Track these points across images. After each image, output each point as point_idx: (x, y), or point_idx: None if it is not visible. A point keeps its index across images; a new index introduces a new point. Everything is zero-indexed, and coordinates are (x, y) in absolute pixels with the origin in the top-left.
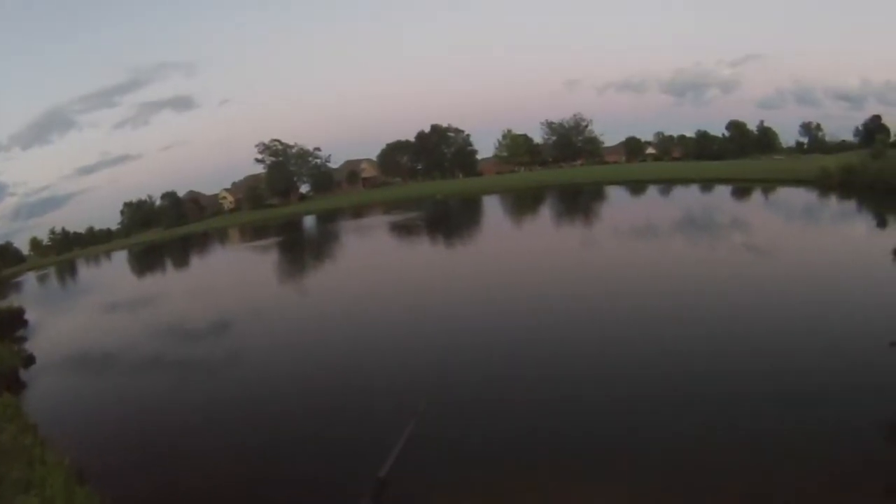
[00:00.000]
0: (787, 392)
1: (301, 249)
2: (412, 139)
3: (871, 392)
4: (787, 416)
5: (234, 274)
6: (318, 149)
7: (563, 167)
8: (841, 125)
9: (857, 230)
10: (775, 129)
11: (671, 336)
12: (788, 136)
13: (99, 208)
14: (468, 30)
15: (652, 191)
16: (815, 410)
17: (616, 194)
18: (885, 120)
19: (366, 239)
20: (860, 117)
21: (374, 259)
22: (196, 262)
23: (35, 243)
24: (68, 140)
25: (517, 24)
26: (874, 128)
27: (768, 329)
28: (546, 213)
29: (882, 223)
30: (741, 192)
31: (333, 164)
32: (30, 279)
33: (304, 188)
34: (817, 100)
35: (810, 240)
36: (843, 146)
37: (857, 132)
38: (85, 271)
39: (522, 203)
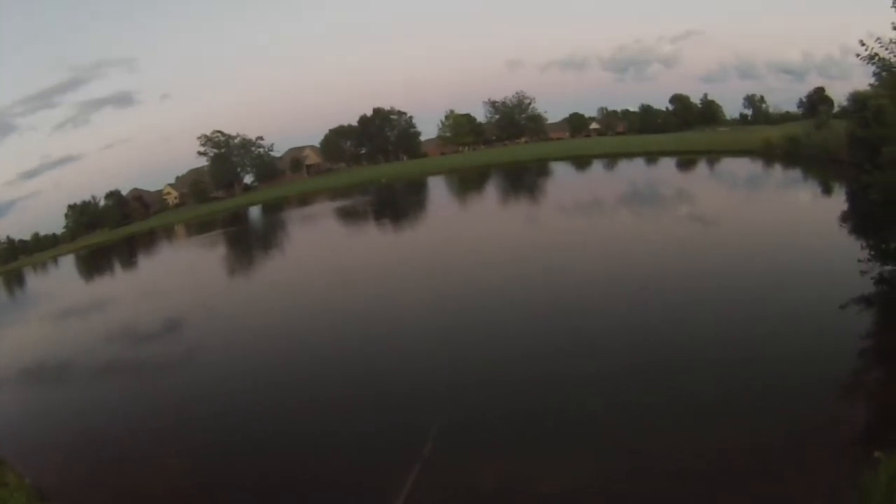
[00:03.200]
0: (743, 357)
1: (247, 242)
2: (355, 124)
3: (825, 354)
4: (743, 379)
5: (179, 273)
6: (260, 138)
7: (508, 145)
8: (784, 97)
9: (804, 197)
10: (719, 102)
11: (621, 310)
12: (732, 108)
13: (44, 213)
14: (409, 11)
15: (597, 165)
16: (773, 372)
17: (561, 170)
18: (829, 92)
19: (311, 227)
20: (802, 90)
21: (319, 247)
22: (143, 262)
23: None
24: (8, 145)
25: (459, 5)
26: (817, 99)
27: (723, 298)
28: (491, 192)
29: (827, 190)
30: (686, 163)
31: (277, 153)
32: None
33: (248, 179)
34: (760, 73)
35: (759, 208)
36: (786, 117)
37: (800, 104)
38: (32, 280)
39: (467, 183)
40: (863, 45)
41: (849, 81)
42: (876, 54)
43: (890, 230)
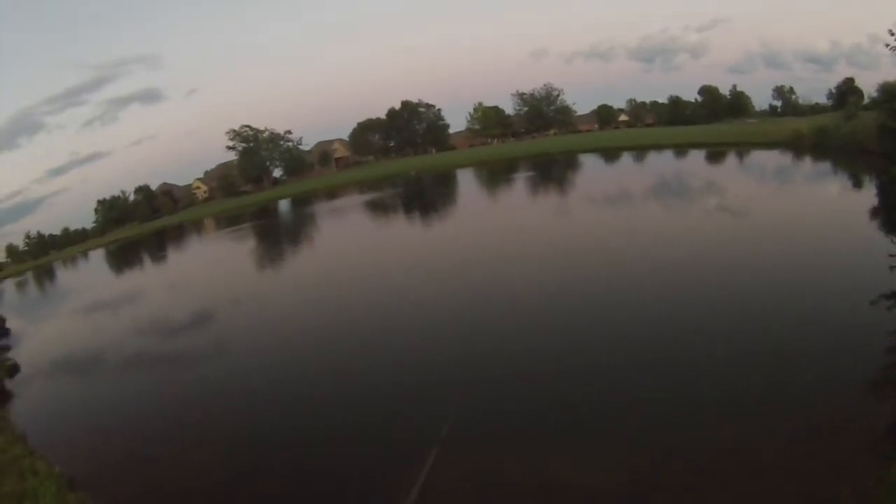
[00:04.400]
0: (773, 350)
1: (275, 235)
2: (383, 117)
3: (853, 349)
4: (772, 373)
5: (208, 266)
6: (289, 132)
7: (536, 138)
8: (813, 87)
9: (833, 190)
10: (748, 93)
11: (653, 301)
12: (762, 99)
13: (73, 209)
14: (435, 4)
15: (626, 158)
16: (802, 367)
17: (590, 162)
18: (859, 82)
19: (338, 221)
20: (831, 80)
21: (348, 241)
22: (172, 255)
23: (10, 250)
24: (37, 143)
25: None
26: (847, 90)
27: (753, 292)
28: (520, 185)
29: (857, 183)
30: (716, 156)
31: (305, 147)
32: (8, 287)
33: (276, 173)
34: (787, 63)
35: (788, 201)
36: (816, 109)
37: (830, 95)
38: (63, 274)
39: (496, 176)
40: (892, 34)
41: (878, 71)
42: None
43: None
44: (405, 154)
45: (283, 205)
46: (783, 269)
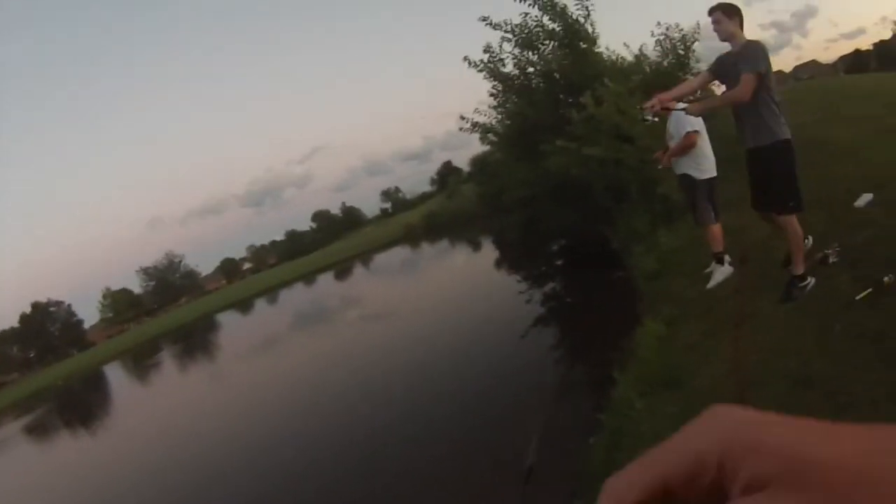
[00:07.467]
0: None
1: None
2: (16, 325)
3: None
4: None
5: None
6: None
7: (169, 311)
8: (417, 181)
9: (459, 259)
10: (357, 205)
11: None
12: (372, 206)
13: None
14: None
15: (259, 304)
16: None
17: (227, 320)
18: (456, 162)
19: None
20: (431, 168)
21: None
22: None
23: None
24: None
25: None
26: (447, 172)
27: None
28: (168, 367)
29: (476, 246)
30: (343, 272)
31: None
32: None
33: None
34: (388, 167)
35: (421, 284)
36: (424, 197)
37: (432, 181)
38: None
39: (141, 362)
40: (462, 118)
41: (471, 147)
42: (476, 123)
43: (532, 259)
44: (48, 363)
45: None
46: (458, 338)
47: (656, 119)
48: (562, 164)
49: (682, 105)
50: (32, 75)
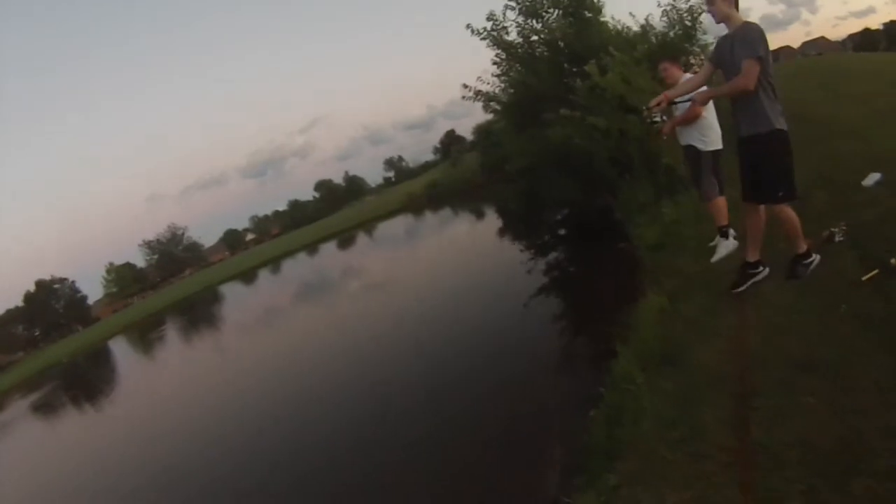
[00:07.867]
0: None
1: None
2: (21, 304)
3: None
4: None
5: None
6: None
7: (174, 283)
8: (420, 149)
9: (462, 229)
10: (361, 174)
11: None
12: (375, 175)
13: None
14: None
15: (263, 274)
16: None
17: (231, 291)
18: (459, 131)
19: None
20: (434, 138)
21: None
22: None
23: None
24: None
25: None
26: (450, 141)
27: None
28: (173, 337)
29: (479, 215)
30: (346, 241)
31: None
32: None
33: None
34: (390, 136)
35: (423, 254)
36: (427, 166)
37: (435, 150)
38: None
39: (147, 335)
40: (465, 87)
41: (474, 116)
42: (479, 91)
43: (535, 229)
44: (53, 340)
45: None
46: (459, 308)
47: (665, 118)
48: (565, 134)
49: (688, 96)
50: (32, 52)
